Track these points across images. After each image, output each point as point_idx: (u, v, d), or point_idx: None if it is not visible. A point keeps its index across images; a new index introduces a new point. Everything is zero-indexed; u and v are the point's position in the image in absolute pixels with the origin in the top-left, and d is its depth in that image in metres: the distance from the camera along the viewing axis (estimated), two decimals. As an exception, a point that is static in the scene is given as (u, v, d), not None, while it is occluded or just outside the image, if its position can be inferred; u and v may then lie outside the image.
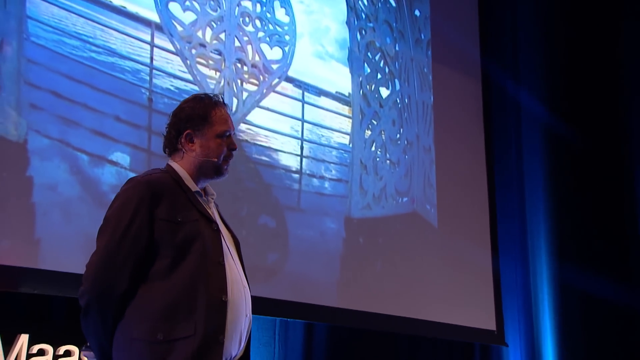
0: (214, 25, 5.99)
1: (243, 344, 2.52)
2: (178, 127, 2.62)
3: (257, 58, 6.26)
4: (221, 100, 2.77)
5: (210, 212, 2.58)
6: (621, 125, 9.30)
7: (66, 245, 4.77)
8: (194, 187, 2.58)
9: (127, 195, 2.42)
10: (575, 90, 9.45)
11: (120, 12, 5.38)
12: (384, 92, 7.35)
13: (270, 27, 6.44)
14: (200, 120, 2.61)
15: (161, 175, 2.54)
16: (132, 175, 5.12)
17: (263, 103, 6.26)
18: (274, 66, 6.40)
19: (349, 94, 6.99)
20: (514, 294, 8.45)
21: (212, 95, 2.79)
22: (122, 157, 5.25)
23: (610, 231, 9.16)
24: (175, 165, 2.61)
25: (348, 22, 7.12)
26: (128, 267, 2.31)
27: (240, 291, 2.48)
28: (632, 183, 9.05)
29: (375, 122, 7.18)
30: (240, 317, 2.44)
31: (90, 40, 5.17)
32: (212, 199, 2.74)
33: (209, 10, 5.95)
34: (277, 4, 6.51)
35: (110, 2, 5.30)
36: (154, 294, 2.32)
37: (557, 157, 9.20)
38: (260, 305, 5.86)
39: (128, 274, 2.31)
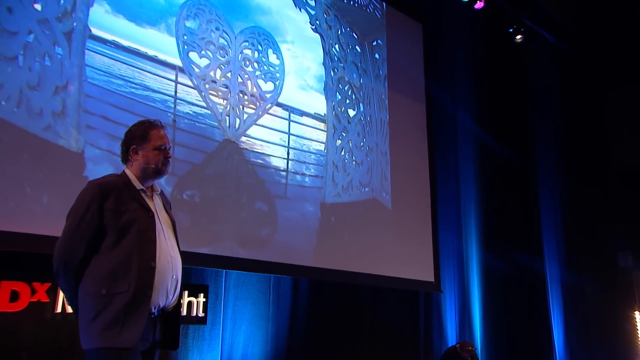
0: (223, 67, 6.02)
1: (172, 297, 2.54)
2: (127, 144, 2.68)
3: (254, 90, 6.28)
4: (159, 123, 2.76)
5: (149, 204, 2.59)
6: (530, 139, 9.36)
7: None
8: (138, 186, 2.61)
9: (84, 194, 2.49)
10: (498, 111, 9.49)
11: (153, 59, 5.46)
12: (351, 113, 7.35)
13: (265, 67, 6.45)
14: (141, 138, 2.65)
15: (113, 178, 2.61)
16: None
17: (259, 122, 6.29)
18: (268, 95, 6.42)
19: (324, 114, 7.00)
20: (451, 256, 8.51)
21: (152, 120, 2.79)
22: None
23: (520, 215, 9.28)
24: (127, 171, 2.65)
25: (324, 63, 7.13)
26: (82, 244, 2.38)
27: (167, 260, 2.51)
28: (535, 180, 9.13)
29: (344, 134, 7.18)
30: (166, 278, 2.47)
31: (130, 79, 5.25)
32: (157, 193, 2.73)
33: (219, 57, 6.00)
34: (270, 51, 6.53)
35: (146, 52, 5.38)
36: (101, 262, 2.39)
37: (484, 160, 9.24)
38: (257, 266, 5.95)
39: (83, 249, 2.38)
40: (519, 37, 8.57)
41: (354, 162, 7.23)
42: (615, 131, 8.55)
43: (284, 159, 6.45)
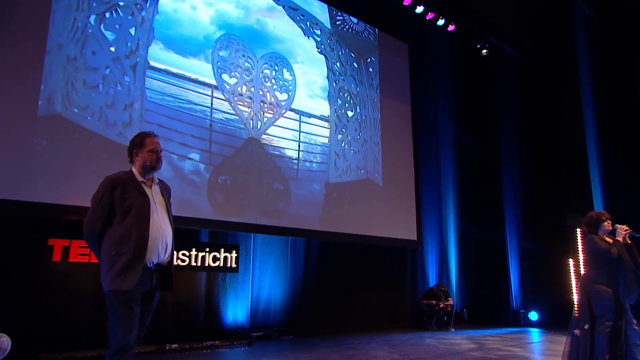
0: (248, 84, 6.42)
1: (163, 256, 2.71)
2: (130, 150, 2.78)
3: (272, 99, 6.66)
4: (152, 133, 2.85)
5: (147, 191, 2.73)
6: (495, 135, 9.51)
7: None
8: (140, 179, 2.73)
9: (101, 186, 2.67)
10: (472, 114, 9.65)
11: (194, 81, 5.88)
12: (350, 114, 7.65)
13: (281, 82, 6.81)
14: (139, 145, 2.75)
15: (121, 174, 2.74)
16: (201, 166, 5.76)
17: (276, 123, 6.65)
18: (283, 103, 6.78)
19: (328, 115, 7.31)
20: (432, 221, 8.81)
21: (147, 131, 2.89)
22: (195, 156, 5.72)
23: (487, 193, 9.51)
24: (133, 169, 2.76)
25: (328, 77, 7.44)
26: (100, 220, 2.59)
27: (158, 231, 2.67)
28: (500, 168, 9.27)
29: (344, 130, 7.49)
30: (157, 244, 2.65)
31: (177, 96, 5.69)
32: (155, 183, 2.83)
33: (244, 76, 6.39)
34: (284, 70, 6.89)
35: (189, 76, 5.82)
36: (112, 233, 2.59)
37: (460, 152, 9.49)
38: (276, 231, 6.45)
39: (100, 223, 2.58)
40: (484, 51, 8.80)
41: (352, 151, 7.54)
42: (568, 124, 8.61)
43: (296, 150, 6.81)
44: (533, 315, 8.27)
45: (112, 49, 5.26)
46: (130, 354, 2.46)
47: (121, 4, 5.40)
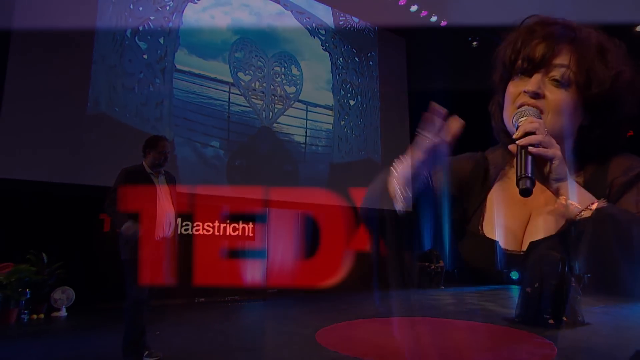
0: (260, 80, 6.88)
1: (168, 231, 2.97)
2: (144, 147, 3.05)
3: (282, 92, 7.11)
4: (164, 137, 3.11)
5: (154, 181, 3.00)
6: (485, 123, 9.64)
7: (191, 181, 5.62)
8: (149, 170, 3.00)
9: (118, 175, 2.94)
10: (465, 103, 9.81)
11: (214, 79, 6.37)
12: (352, 102, 8.05)
13: (289, 77, 7.25)
14: (153, 146, 3.02)
15: (134, 167, 3.00)
16: (220, 151, 6.33)
17: (286, 113, 7.10)
18: (291, 95, 7.23)
19: (332, 104, 7.73)
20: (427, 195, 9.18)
21: (161, 135, 3.15)
22: (215, 143, 6.24)
23: None
24: (144, 162, 3.02)
25: (332, 71, 7.85)
26: (116, 201, 2.86)
27: (163, 211, 2.95)
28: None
29: (346, 117, 7.91)
30: (163, 222, 2.93)
31: (200, 93, 6.19)
32: (161, 174, 3.08)
33: (257, 74, 6.86)
34: (292, 66, 7.32)
35: (209, 75, 6.31)
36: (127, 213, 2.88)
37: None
38: (288, 205, 6.93)
39: (116, 203, 2.86)
40: (475, 43, 9.08)
41: (354, 135, 7.96)
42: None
43: (303, 136, 7.26)
44: (514, 275, 8.75)
45: (145, 56, 5.83)
46: (143, 307, 2.84)
47: (152, 18, 5.97)
